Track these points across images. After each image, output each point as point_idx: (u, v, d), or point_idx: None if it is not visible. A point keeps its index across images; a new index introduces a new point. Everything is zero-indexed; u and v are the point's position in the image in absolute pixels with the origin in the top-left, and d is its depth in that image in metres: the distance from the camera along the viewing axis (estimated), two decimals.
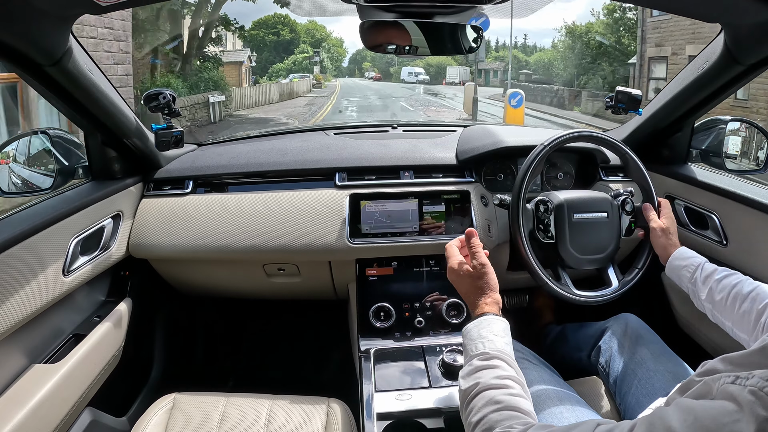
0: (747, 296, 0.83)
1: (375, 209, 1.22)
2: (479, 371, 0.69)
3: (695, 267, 0.95)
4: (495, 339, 0.73)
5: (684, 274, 0.96)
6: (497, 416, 0.61)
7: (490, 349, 0.72)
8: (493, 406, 0.62)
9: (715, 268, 0.93)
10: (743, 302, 0.83)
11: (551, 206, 1.10)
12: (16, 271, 0.83)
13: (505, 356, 0.71)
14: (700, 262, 0.95)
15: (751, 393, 0.37)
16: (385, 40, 0.92)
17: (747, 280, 0.87)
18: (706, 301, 0.91)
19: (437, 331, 1.15)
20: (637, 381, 0.98)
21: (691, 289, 0.95)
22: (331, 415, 0.98)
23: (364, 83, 37.05)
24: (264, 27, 31.41)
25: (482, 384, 0.66)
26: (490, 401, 0.63)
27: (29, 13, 0.69)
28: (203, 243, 1.19)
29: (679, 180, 1.26)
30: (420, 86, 30.16)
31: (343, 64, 49.59)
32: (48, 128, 1.11)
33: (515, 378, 0.68)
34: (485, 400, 0.64)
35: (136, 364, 1.29)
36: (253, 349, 1.80)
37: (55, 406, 0.88)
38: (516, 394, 0.64)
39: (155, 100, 1.12)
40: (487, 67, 27.55)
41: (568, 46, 17.11)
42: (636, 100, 1.21)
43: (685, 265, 0.97)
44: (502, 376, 0.67)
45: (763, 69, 0.96)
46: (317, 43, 38.44)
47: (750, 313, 0.81)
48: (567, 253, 1.09)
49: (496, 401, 0.63)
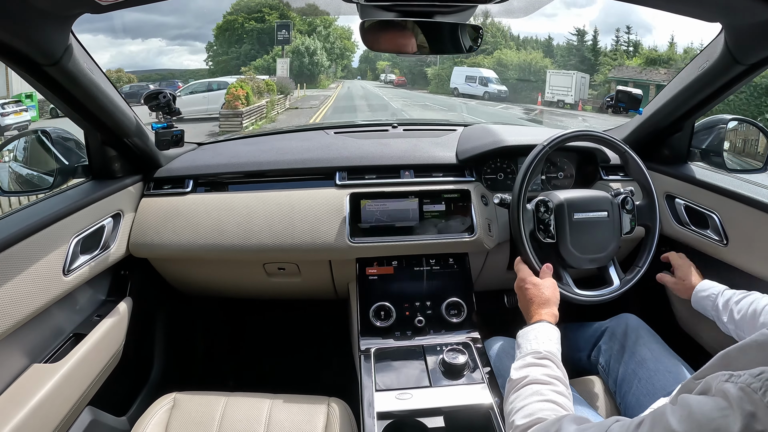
0: (763, 309, 0.88)
1: (375, 208, 1.22)
2: (530, 366, 0.77)
3: (716, 295, 1.00)
4: (548, 342, 0.83)
5: (707, 303, 1.02)
6: (540, 406, 0.69)
7: (543, 349, 0.81)
8: (537, 397, 0.70)
9: (734, 292, 0.97)
10: (761, 316, 0.88)
11: (551, 206, 1.10)
12: (16, 270, 0.83)
13: (554, 358, 0.80)
14: (720, 290, 1.01)
15: (740, 390, 0.39)
16: (386, 39, 0.92)
17: (762, 296, 0.91)
18: (728, 323, 0.95)
19: (437, 331, 1.15)
20: (638, 381, 0.98)
21: (715, 316, 1.00)
22: (332, 414, 0.98)
23: (378, 90, 25.98)
24: (245, 11, 24.28)
25: (531, 377, 0.75)
26: (536, 393, 0.71)
27: (29, 12, 0.69)
28: (203, 242, 1.19)
29: (679, 179, 1.26)
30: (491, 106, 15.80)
31: (352, 62, 39.40)
32: (48, 128, 1.11)
33: (561, 378, 0.76)
34: (532, 391, 0.72)
35: (136, 364, 1.29)
36: (254, 348, 1.80)
37: (56, 406, 0.88)
38: (559, 392, 0.72)
39: (155, 99, 1.12)
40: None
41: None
42: (636, 99, 1.21)
43: (707, 295, 1.02)
44: (550, 375, 0.75)
45: (763, 69, 0.96)
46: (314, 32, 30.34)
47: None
48: (568, 253, 1.09)
49: (541, 394, 0.71)
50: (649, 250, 1.12)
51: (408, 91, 25.70)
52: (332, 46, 33.99)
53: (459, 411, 0.92)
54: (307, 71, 28.36)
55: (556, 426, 0.61)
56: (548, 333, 0.85)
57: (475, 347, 1.09)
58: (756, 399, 0.38)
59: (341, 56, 37.36)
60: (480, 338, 1.13)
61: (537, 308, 0.92)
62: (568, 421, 0.60)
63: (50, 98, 0.94)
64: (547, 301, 0.93)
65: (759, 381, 0.39)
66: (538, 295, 0.94)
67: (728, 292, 0.99)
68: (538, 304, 0.93)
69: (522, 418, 0.68)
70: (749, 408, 0.38)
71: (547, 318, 0.89)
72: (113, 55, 40.51)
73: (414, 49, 0.94)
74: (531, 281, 0.98)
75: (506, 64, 20.46)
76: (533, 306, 0.93)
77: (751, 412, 0.37)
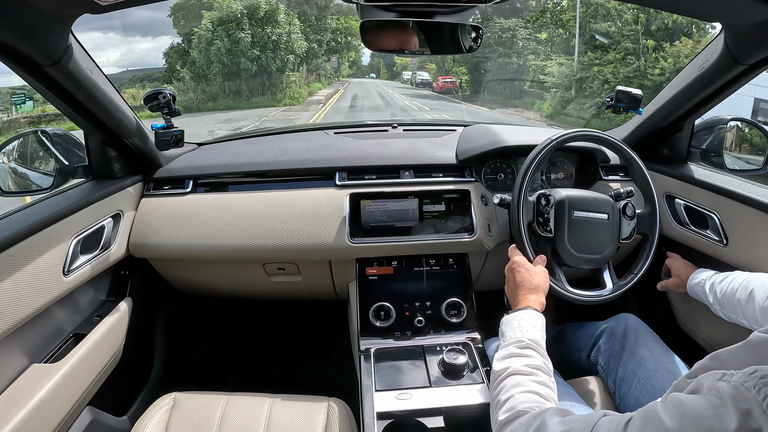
0: (739, 286, 0.91)
1: (375, 208, 1.22)
2: (513, 357, 0.76)
3: (704, 280, 1.02)
4: (532, 330, 0.81)
5: (698, 290, 1.04)
6: (522, 397, 0.68)
7: (527, 338, 0.79)
8: (519, 389, 0.70)
9: (718, 275, 1.00)
10: (737, 292, 0.91)
11: (553, 201, 1.10)
12: (16, 270, 0.83)
13: (537, 347, 0.78)
14: (708, 275, 1.03)
15: (734, 388, 0.40)
16: (386, 38, 0.92)
17: (742, 274, 0.94)
18: (715, 304, 0.98)
19: (437, 331, 1.15)
20: (637, 381, 0.98)
21: (706, 301, 1.02)
22: (331, 414, 0.98)
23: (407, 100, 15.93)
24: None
25: (513, 368, 0.74)
26: (518, 384, 0.71)
27: (29, 13, 0.69)
28: (203, 242, 1.19)
29: (679, 179, 1.26)
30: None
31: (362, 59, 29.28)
32: (48, 128, 1.11)
33: (542, 368, 0.75)
34: (514, 383, 0.71)
35: (136, 364, 1.29)
36: (254, 348, 1.80)
37: (56, 406, 0.88)
38: (541, 382, 0.71)
39: (155, 100, 1.12)
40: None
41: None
42: (636, 99, 1.21)
43: (697, 282, 1.05)
44: (531, 365, 0.74)
45: (763, 69, 0.96)
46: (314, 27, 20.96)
47: (748, 300, 0.88)
48: (564, 250, 1.09)
49: (523, 385, 0.70)
50: (646, 258, 1.12)
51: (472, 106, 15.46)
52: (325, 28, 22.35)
53: (459, 411, 0.92)
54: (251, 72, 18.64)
55: (539, 420, 0.61)
56: (533, 320, 0.83)
57: (475, 347, 1.09)
58: (750, 397, 0.38)
59: (343, 52, 25.50)
60: (480, 338, 1.13)
61: (525, 293, 0.91)
62: (551, 414, 0.60)
63: (50, 98, 0.94)
64: (537, 287, 0.92)
65: (753, 379, 0.39)
66: (529, 280, 0.93)
67: (715, 276, 1.02)
68: (527, 289, 0.91)
69: (504, 413, 0.68)
70: (744, 406, 0.38)
71: (534, 305, 0.88)
72: (123, 53, 40.07)
73: (415, 48, 0.94)
74: (524, 265, 0.97)
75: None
76: (522, 290, 0.92)
77: (746, 410, 0.38)
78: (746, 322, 0.91)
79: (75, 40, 0.86)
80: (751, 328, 0.89)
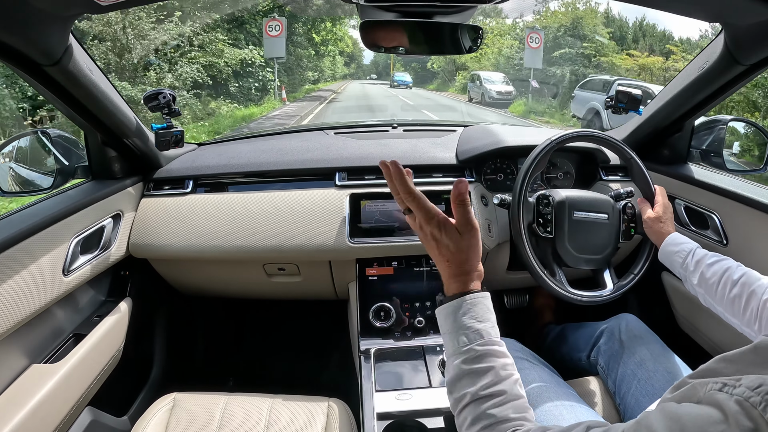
0: (737, 282, 0.86)
1: (375, 209, 1.22)
2: (465, 378, 0.60)
3: (687, 252, 0.97)
4: (480, 327, 0.62)
5: (676, 259, 0.98)
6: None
7: (476, 342, 0.61)
8: (485, 421, 0.56)
9: (705, 253, 0.95)
10: (733, 287, 0.86)
11: (553, 201, 1.10)
12: (16, 270, 0.83)
13: (494, 350, 0.61)
14: (692, 248, 0.97)
15: (737, 403, 0.36)
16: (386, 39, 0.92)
17: (737, 266, 0.89)
18: (698, 286, 0.93)
19: (437, 331, 1.15)
20: (637, 381, 0.98)
21: (682, 274, 0.97)
22: (331, 414, 0.98)
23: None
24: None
25: (471, 394, 0.59)
26: (482, 415, 0.57)
27: (29, 13, 0.69)
28: (203, 243, 1.19)
29: (679, 180, 1.26)
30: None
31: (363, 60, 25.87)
32: (48, 128, 1.11)
33: (506, 382, 0.59)
34: (477, 414, 0.57)
35: (136, 364, 1.29)
36: (254, 348, 1.80)
37: (55, 406, 0.88)
38: (501, 405, 0.57)
39: (155, 100, 1.12)
40: None
41: None
42: (636, 99, 1.21)
43: (677, 251, 0.99)
44: (490, 383, 0.59)
45: (764, 69, 0.96)
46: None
47: (740, 297, 0.84)
48: (564, 250, 1.09)
49: (489, 415, 0.56)
50: (646, 258, 1.12)
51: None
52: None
53: None
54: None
55: None
56: (476, 311, 0.63)
57: None
58: (755, 415, 0.35)
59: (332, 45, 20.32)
60: None
61: (457, 268, 0.66)
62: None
63: (50, 98, 0.94)
64: (471, 255, 0.68)
65: (758, 395, 0.36)
66: (460, 249, 0.67)
67: (700, 251, 0.95)
68: (458, 264, 0.66)
69: None
70: (748, 424, 0.35)
71: (475, 286, 0.67)
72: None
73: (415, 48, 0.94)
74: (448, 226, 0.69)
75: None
76: (453, 266, 0.66)
77: (751, 429, 0.35)
78: (721, 310, 0.88)
79: (75, 40, 0.86)
80: (729, 321, 0.87)
